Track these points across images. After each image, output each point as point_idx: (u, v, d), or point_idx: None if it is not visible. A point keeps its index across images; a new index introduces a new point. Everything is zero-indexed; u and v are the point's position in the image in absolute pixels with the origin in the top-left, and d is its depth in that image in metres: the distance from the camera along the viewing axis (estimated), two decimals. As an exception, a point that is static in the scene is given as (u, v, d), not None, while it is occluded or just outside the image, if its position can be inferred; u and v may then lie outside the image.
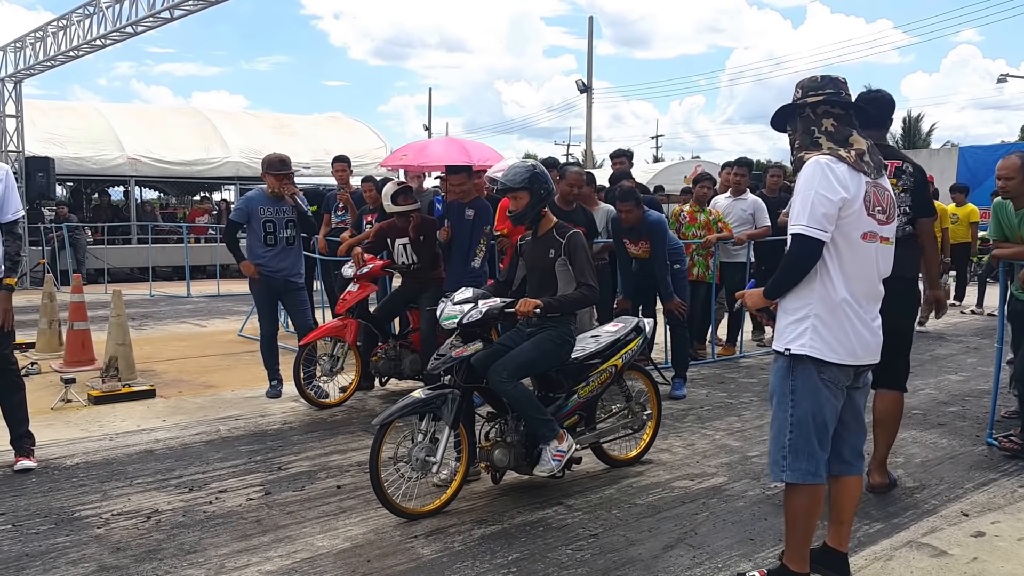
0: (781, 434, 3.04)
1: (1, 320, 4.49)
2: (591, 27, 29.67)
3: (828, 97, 3.02)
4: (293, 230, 6.25)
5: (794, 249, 2.93)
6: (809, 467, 3.01)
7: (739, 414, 5.92)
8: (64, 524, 3.85)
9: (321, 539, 3.68)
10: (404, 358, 6.20)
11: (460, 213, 6.00)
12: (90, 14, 13.25)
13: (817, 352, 2.94)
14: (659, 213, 6.49)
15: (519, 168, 4.23)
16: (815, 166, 2.92)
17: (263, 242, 6.16)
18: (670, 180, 21.03)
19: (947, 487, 4.36)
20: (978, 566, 3.42)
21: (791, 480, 3.03)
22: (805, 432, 3.00)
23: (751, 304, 3.18)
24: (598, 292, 4.22)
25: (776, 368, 3.08)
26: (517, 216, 4.23)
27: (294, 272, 6.29)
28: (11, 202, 4.57)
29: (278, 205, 6.19)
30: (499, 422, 4.19)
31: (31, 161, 15.38)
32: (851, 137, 3.01)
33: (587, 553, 3.54)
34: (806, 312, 2.96)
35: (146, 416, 5.82)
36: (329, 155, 14.31)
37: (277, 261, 6.18)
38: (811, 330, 2.94)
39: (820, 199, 2.86)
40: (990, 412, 5.26)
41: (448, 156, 6.55)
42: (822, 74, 3.11)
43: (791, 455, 3.02)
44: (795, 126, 3.11)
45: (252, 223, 6.17)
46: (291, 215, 6.23)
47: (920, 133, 41.29)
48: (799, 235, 2.89)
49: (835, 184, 2.87)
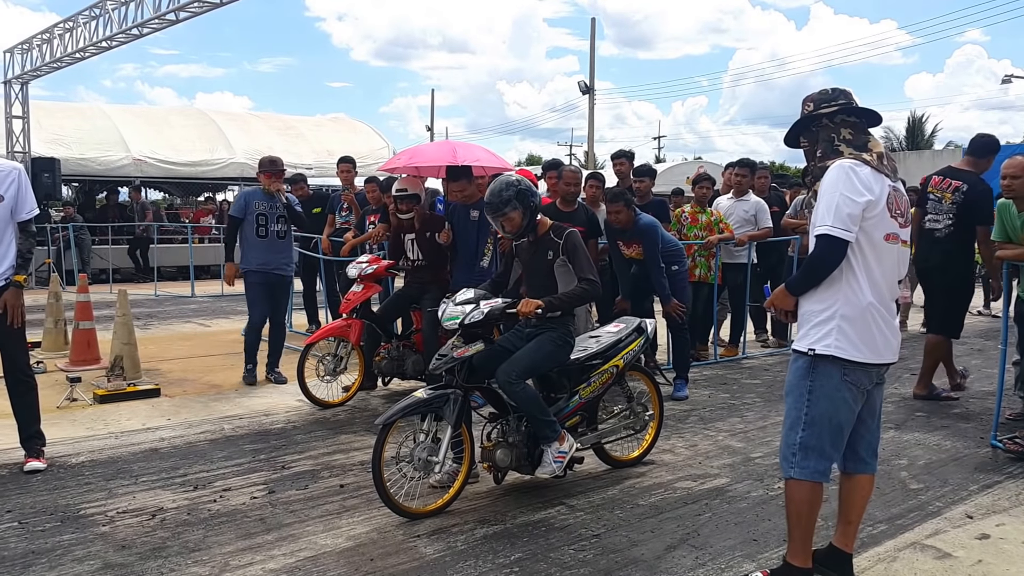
0: (793, 431, 3.07)
1: (11, 316, 4.52)
2: (593, 28, 29.72)
3: (842, 107, 3.10)
4: (284, 224, 6.81)
5: (819, 249, 2.96)
6: (818, 467, 3.04)
7: (742, 415, 5.92)
8: (70, 522, 3.87)
9: (324, 538, 3.70)
10: (407, 358, 6.22)
11: (465, 214, 6.01)
12: (96, 16, 13.32)
13: (843, 352, 2.96)
14: (651, 216, 6.45)
15: (503, 190, 4.09)
16: (839, 169, 2.97)
17: (255, 234, 6.70)
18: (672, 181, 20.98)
19: (951, 489, 4.35)
20: (983, 568, 3.41)
21: (798, 477, 3.05)
22: (818, 432, 3.02)
23: (779, 304, 3.19)
24: (600, 286, 4.22)
25: (795, 367, 3.10)
26: (516, 234, 4.23)
27: (285, 266, 6.86)
28: (26, 201, 4.63)
29: (271, 201, 6.77)
30: (501, 422, 4.19)
31: (37, 162, 15.44)
32: (870, 142, 3.08)
33: (589, 553, 3.55)
34: (831, 313, 2.98)
35: (151, 415, 5.84)
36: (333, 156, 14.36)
37: (269, 253, 6.72)
38: (836, 331, 2.97)
39: (845, 200, 2.90)
40: (994, 414, 5.25)
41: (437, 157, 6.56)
42: (831, 87, 3.19)
43: (800, 452, 3.04)
44: (811, 138, 3.19)
45: (247, 217, 6.72)
46: (282, 210, 6.78)
47: (924, 134, 41.18)
48: (825, 235, 2.92)
49: (859, 186, 2.92)
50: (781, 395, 6.43)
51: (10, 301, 4.53)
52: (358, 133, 22.60)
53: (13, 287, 4.55)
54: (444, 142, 7.78)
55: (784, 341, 8.67)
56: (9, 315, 4.53)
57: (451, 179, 6.08)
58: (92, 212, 18.72)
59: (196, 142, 19.03)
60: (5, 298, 4.52)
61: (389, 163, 7.23)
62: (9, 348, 4.63)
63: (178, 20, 12.39)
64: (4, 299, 4.52)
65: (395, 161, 7.15)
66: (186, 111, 22.27)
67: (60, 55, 14.40)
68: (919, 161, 22.47)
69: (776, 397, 6.48)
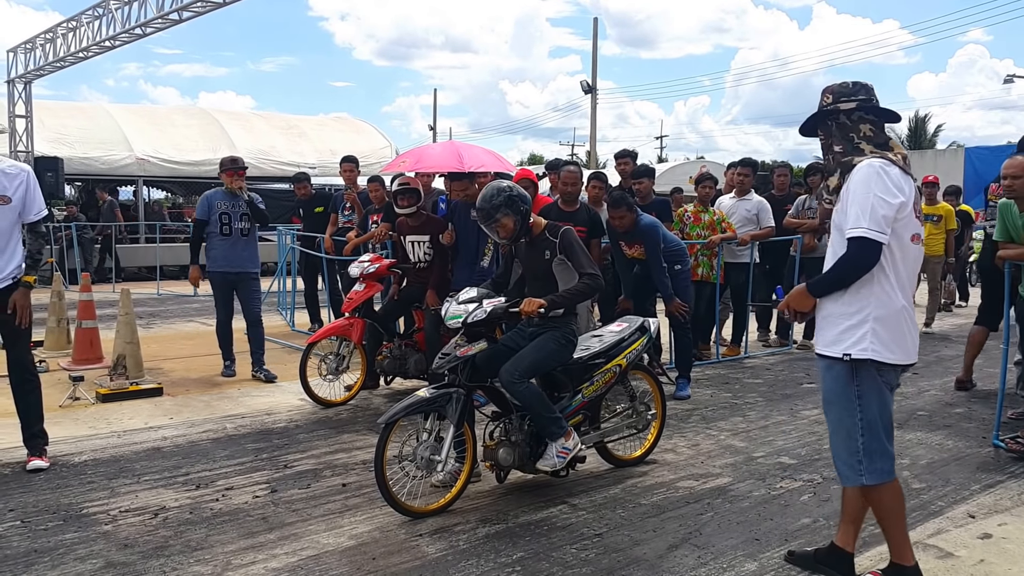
0: (852, 439, 3.02)
1: (19, 317, 4.55)
2: (596, 28, 29.79)
3: (861, 103, 3.05)
4: (247, 222, 6.87)
5: (854, 252, 2.89)
6: (884, 466, 3.02)
7: (744, 414, 5.91)
8: (72, 521, 3.88)
9: (327, 537, 3.70)
10: (409, 357, 6.23)
11: (466, 213, 6.02)
12: (99, 16, 13.33)
13: (879, 355, 2.93)
14: (652, 216, 6.45)
15: (493, 196, 4.10)
16: (869, 169, 2.92)
17: (219, 233, 6.78)
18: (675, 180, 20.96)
19: (953, 489, 4.35)
20: (984, 568, 3.41)
21: (871, 482, 3.02)
22: (876, 433, 2.99)
23: (797, 305, 3.13)
24: (602, 278, 4.21)
25: (833, 375, 3.04)
26: (511, 239, 4.24)
27: (249, 263, 6.93)
28: (35, 201, 4.63)
29: (234, 200, 6.85)
30: (503, 421, 4.20)
31: (40, 161, 15.45)
32: (891, 141, 3.05)
33: (591, 552, 3.55)
34: (863, 316, 2.94)
35: (154, 414, 5.85)
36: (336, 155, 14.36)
37: (233, 251, 6.81)
38: (871, 334, 2.93)
39: (880, 202, 2.86)
40: (996, 414, 5.25)
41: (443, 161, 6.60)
42: (852, 80, 3.13)
43: (866, 458, 3.00)
44: (829, 131, 3.13)
45: (211, 217, 6.80)
46: (245, 209, 6.84)
47: (926, 134, 41.10)
48: (861, 238, 2.86)
49: (892, 187, 2.89)
50: (783, 394, 6.49)
51: (19, 301, 4.56)
52: (361, 133, 22.61)
53: (22, 287, 4.58)
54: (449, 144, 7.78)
55: (786, 341, 8.67)
56: (18, 315, 4.56)
57: (454, 179, 6.19)
58: (95, 211, 18.75)
59: (199, 141, 19.04)
60: (14, 298, 4.55)
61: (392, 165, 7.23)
62: (15, 347, 4.65)
63: (181, 20, 12.41)
64: (13, 299, 4.54)
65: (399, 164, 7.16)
66: (189, 110, 22.27)
67: (63, 54, 14.42)
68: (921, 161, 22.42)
69: (778, 396, 6.48)
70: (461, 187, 6.13)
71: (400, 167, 7.04)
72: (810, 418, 5.80)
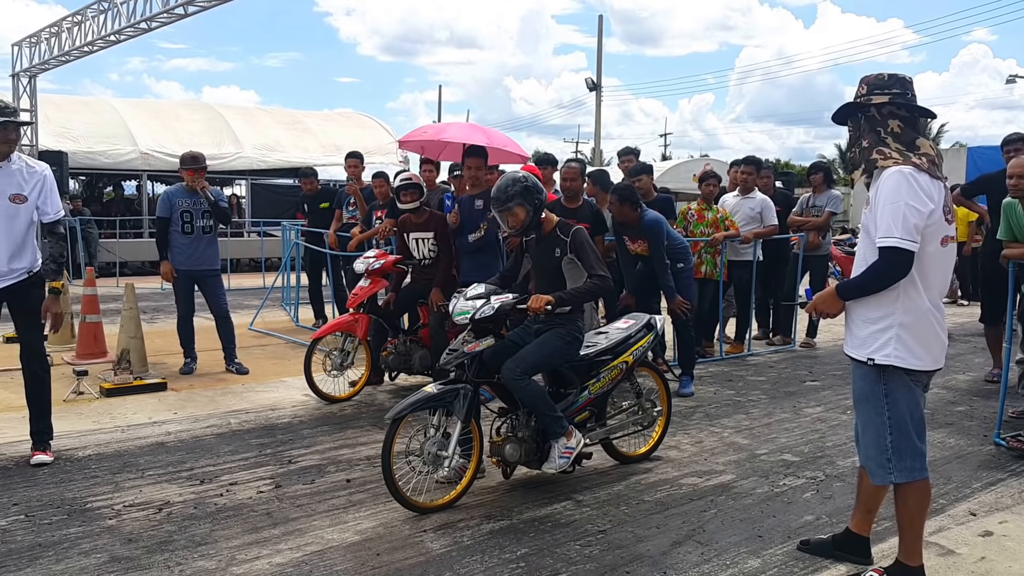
0: (880, 437, 3.03)
1: (51, 324, 4.60)
2: (601, 25, 29.81)
3: (894, 98, 2.99)
4: (209, 220, 6.91)
5: (887, 261, 2.87)
6: (915, 464, 3.02)
7: (747, 412, 5.92)
8: (76, 515, 3.89)
9: (331, 532, 3.71)
10: (414, 353, 6.23)
11: (470, 204, 6.03)
12: (104, 10, 13.33)
13: (902, 362, 2.94)
14: (656, 213, 6.45)
15: (509, 186, 4.14)
16: (899, 176, 2.88)
17: (181, 231, 6.82)
18: (679, 178, 21.02)
19: (955, 486, 4.36)
20: (985, 565, 3.42)
21: (901, 480, 3.03)
22: (905, 431, 3.00)
23: (826, 308, 3.12)
24: (611, 280, 4.22)
25: (861, 373, 3.06)
26: (520, 231, 4.25)
27: (210, 260, 7.00)
28: (52, 202, 4.64)
29: (194, 197, 6.87)
30: (510, 417, 4.21)
31: (45, 155, 15.47)
32: (918, 140, 2.99)
33: (595, 549, 3.56)
34: (889, 322, 2.94)
35: (158, 409, 5.87)
36: (340, 151, 14.37)
37: (195, 249, 6.86)
38: (895, 340, 2.93)
39: (911, 210, 2.83)
40: (998, 412, 5.25)
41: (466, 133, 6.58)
42: (889, 72, 3.07)
43: (896, 456, 3.01)
44: (858, 123, 3.09)
45: (173, 215, 6.83)
46: (206, 206, 6.86)
47: (929, 133, 40.99)
48: (893, 248, 2.84)
49: (922, 195, 2.85)
50: (787, 392, 6.49)
51: (51, 309, 4.65)
52: (366, 128, 22.61)
53: (51, 295, 4.66)
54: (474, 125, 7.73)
55: (788, 339, 8.67)
56: (51, 322, 4.66)
57: (469, 155, 6.07)
58: (98, 205, 18.80)
59: (203, 136, 19.05)
60: (46, 306, 4.64)
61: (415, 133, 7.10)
62: (29, 334, 4.67)
63: (186, 14, 12.39)
64: (45, 306, 4.64)
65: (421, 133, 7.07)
66: (193, 105, 22.30)
67: (68, 48, 14.42)
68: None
69: (781, 394, 6.48)
70: (475, 164, 6.02)
71: (423, 136, 6.99)
72: (813, 416, 5.80)
